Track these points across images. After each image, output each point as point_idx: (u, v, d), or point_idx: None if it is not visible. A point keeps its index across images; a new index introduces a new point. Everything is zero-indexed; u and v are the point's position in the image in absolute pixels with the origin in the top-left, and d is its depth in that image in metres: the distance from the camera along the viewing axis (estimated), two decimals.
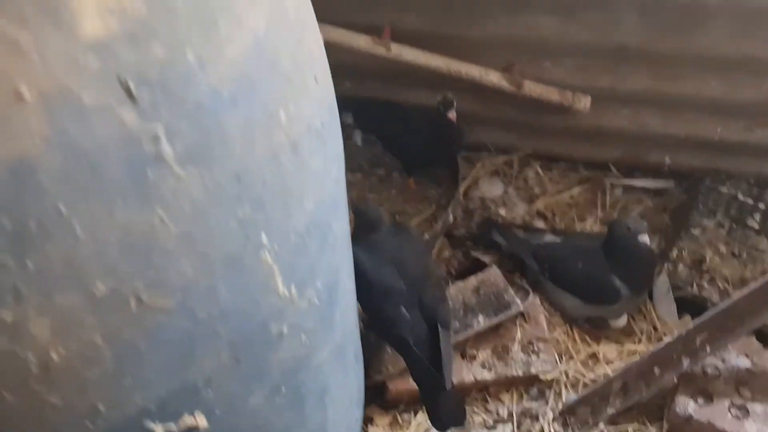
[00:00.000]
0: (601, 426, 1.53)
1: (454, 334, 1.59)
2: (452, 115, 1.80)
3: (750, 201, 1.96)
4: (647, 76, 1.91)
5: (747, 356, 1.58)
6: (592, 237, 1.86)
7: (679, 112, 1.97)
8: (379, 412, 1.61)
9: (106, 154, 0.54)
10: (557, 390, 1.64)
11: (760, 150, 1.98)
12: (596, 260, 1.69)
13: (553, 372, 1.63)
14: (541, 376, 1.62)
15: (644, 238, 1.60)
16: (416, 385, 1.46)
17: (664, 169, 2.13)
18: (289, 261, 0.75)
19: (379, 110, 2.09)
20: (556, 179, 2.21)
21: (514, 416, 1.59)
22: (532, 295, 1.76)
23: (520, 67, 1.98)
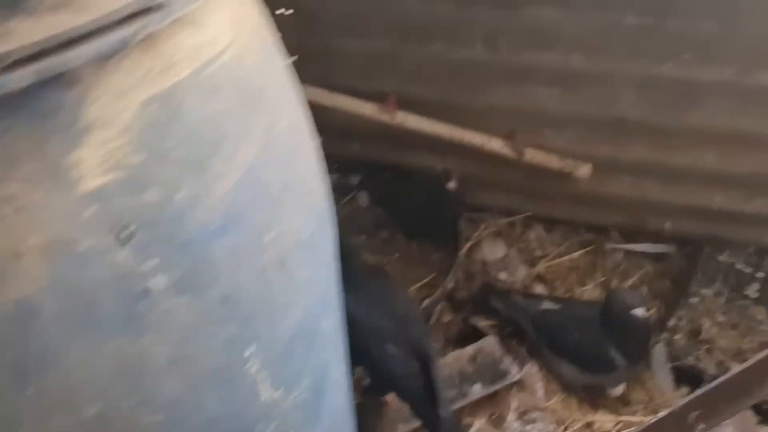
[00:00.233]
0: None
1: (451, 402, 1.61)
2: (452, 185, 1.85)
3: (748, 270, 1.98)
4: (646, 146, 1.96)
5: None
6: (591, 304, 1.88)
7: (678, 182, 2.01)
8: None
9: (100, 292, 0.59)
10: None
11: (759, 219, 2.01)
12: (593, 330, 1.72)
13: None
14: None
15: (640, 311, 1.62)
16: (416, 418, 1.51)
17: (665, 234, 2.16)
18: (276, 368, 0.79)
19: (382, 176, 2.15)
20: (558, 241, 2.24)
21: None
22: (530, 363, 1.78)
23: (521, 135, 2.03)
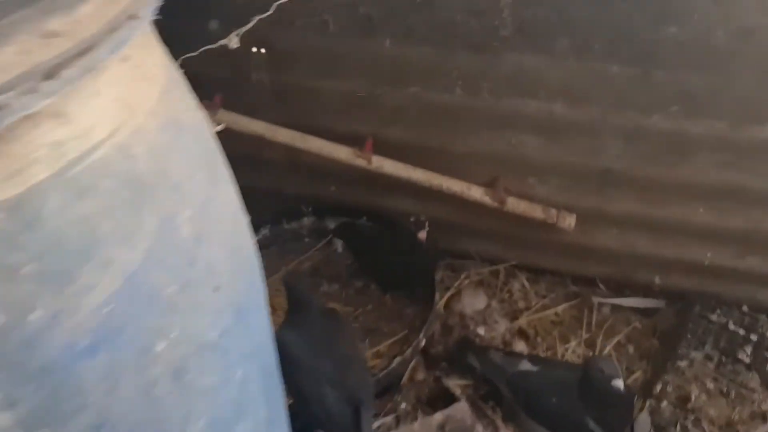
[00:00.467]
0: None
1: None
2: (422, 235, 1.74)
3: (741, 331, 1.87)
4: (634, 199, 1.86)
5: None
6: (571, 368, 1.77)
7: (667, 235, 1.91)
8: None
9: None
10: None
11: (752, 277, 1.90)
12: (571, 397, 1.60)
13: None
14: None
15: (618, 382, 1.51)
16: None
17: (655, 288, 2.06)
18: None
19: (355, 225, 2.06)
20: (542, 293, 2.14)
21: None
22: (503, 430, 1.68)
23: (504, 182, 1.94)
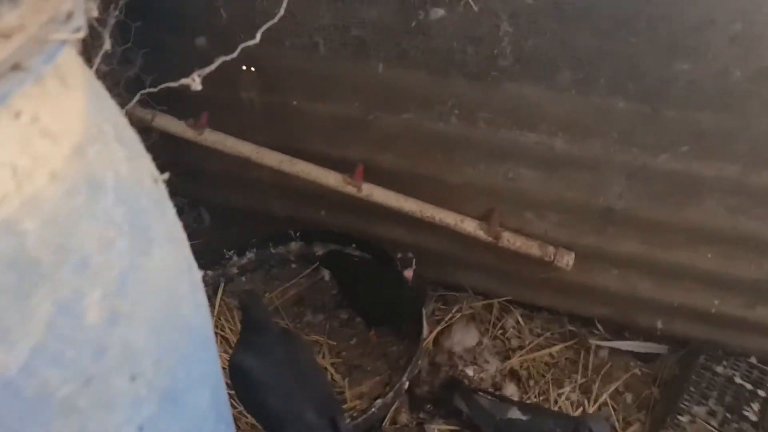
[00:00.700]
0: None
1: None
2: (409, 273, 1.62)
3: (749, 386, 1.75)
4: (636, 240, 1.74)
5: None
6: (564, 420, 1.65)
7: (672, 279, 1.79)
8: None
9: None
10: None
11: (762, 328, 1.78)
12: None
13: None
14: None
15: None
16: None
17: (656, 333, 1.94)
18: None
19: (342, 256, 1.96)
20: (537, 331, 2.02)
21: None
22: None
23: (499, 216, 1.83)
